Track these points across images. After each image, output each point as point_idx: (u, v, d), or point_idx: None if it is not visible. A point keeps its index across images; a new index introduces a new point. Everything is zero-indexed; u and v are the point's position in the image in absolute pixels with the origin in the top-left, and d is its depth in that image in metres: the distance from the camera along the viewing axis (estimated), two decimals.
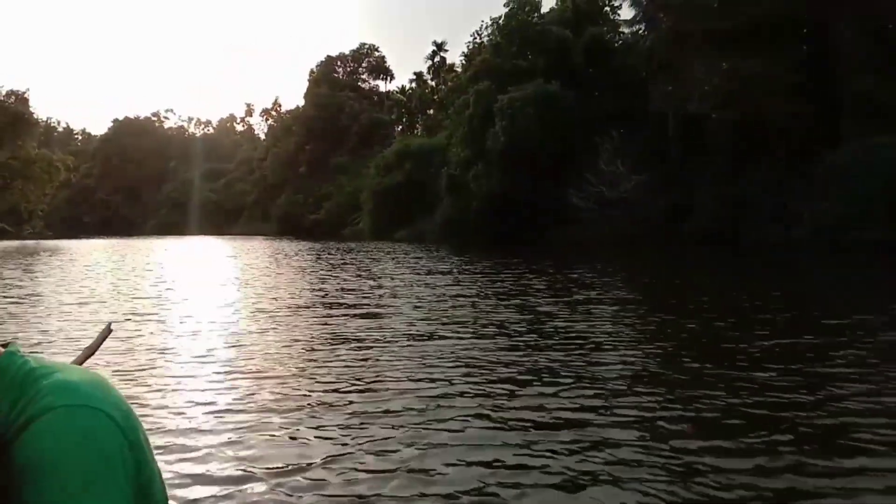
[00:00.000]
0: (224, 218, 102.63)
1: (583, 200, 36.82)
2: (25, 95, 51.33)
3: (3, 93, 49.95)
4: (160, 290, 16.50)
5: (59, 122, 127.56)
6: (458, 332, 9.41)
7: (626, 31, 44.47)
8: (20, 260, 29.70)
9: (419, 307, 12.22)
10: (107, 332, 2.85)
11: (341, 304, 12.77)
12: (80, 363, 2.48)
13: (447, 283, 16.49)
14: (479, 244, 38.87)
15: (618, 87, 40.33)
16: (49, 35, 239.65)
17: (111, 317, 11.48)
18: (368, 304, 12.71)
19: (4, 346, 1.01)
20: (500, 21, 47.66)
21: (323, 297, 14.22)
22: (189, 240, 63.46)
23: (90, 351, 2.68)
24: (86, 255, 33.89)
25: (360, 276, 19.51)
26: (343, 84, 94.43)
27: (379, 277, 18.66)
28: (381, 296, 14.15)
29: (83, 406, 0.90)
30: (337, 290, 15.52)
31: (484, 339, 8.82)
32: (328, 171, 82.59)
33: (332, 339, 9.13)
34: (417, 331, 9.59)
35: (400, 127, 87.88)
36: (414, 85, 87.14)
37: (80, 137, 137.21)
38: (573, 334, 9.09)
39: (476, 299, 13.16)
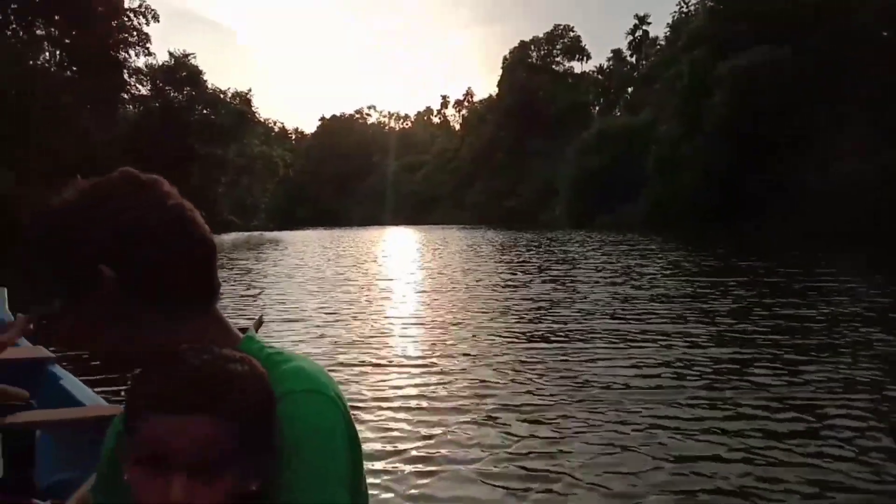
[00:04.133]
0: (422, 208, 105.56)
1: (821, 182, 31.82)
2: (249, 96, 55.70)
3: (230, 94, 54.43)
4: (377, 284, 15.94)
5: (275, 123, 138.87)
6: None
7: None
8: (248, 252, 31.45)
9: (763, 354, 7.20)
10: (258, 324, 2.80)
11: (627, 336, 8.23)
12: None
13: (754, 300, 11.05)
14: (698, 231, 35.13)
15: (861, 48, 34.54)
16: (266, 38, 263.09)
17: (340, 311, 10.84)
18: (673, 345, 7.73)
19: (243, 331, 1.06)
20: None
21: (584, 314, 9.96)
22: (392, 230, 65.54)
23: None
24: (302, 245, 35.38)
25: (606, 277, 14.88)
26: (537, 68, 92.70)
27: (636, 280, 14.18)
28: (671, 322, 9.14)
29: (319, 393, 0.94)
30: (598, 305, 10.87)
31: None
32: (523, 157, 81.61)
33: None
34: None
35: (598, 108, 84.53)
36: (612, 63, 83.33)
37: (294, 136, 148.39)
38: None
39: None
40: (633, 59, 78.24)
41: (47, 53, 46.68)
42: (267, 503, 0.87)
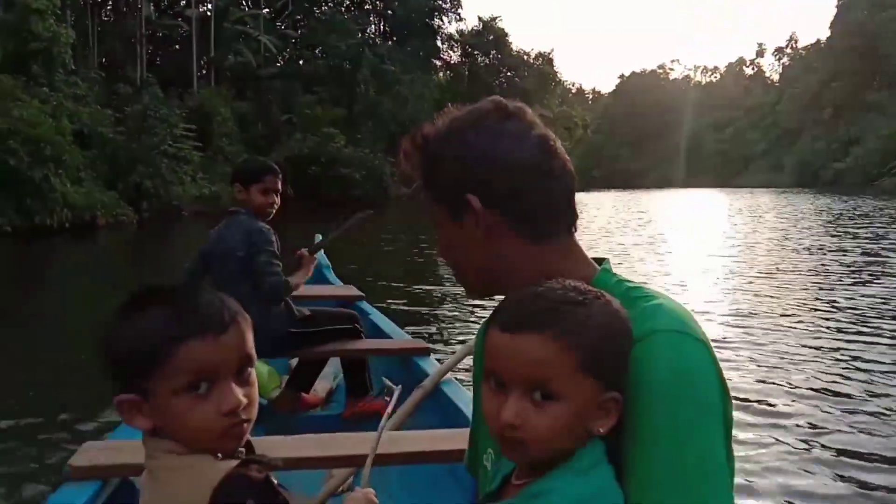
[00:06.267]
0: (728, 170, 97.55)
1: None
2: (551, 56, 55.43)
3: (533, 55, 54.63)
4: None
5: (573, 84, 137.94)
6: None
7: None
8: None
9: None
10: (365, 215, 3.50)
11: None
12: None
13: None
14: None
15: None
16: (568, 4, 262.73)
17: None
18: None
19: (599, 262, 1.03)
20: None
21: None
22: (696, 193, 60.67)
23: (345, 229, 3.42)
24: (596, 210, 34.12)
25: None
26: (884, 4, 78.28)
27: None
28: None
29: (687, 335, 0.86)
30: None
31: None
32: (860, 111, 70.40)
33: None
34: None
35: None
36: None
37: (590, 96, 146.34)
38: None
39: None
40: None
41: (373, 26, 51.13)
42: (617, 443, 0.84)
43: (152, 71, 35.74)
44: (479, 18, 53.43)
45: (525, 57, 54.16)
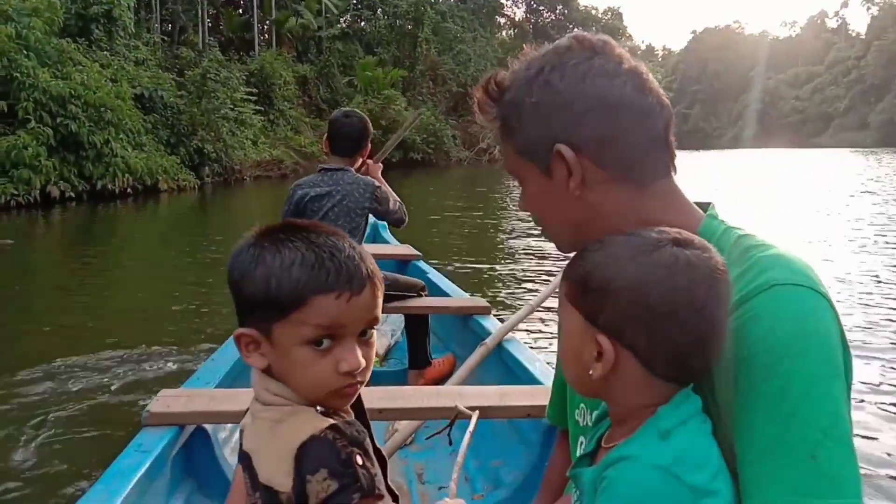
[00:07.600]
0: (809, 128, 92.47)
1: None
2: (619, 11, 53.17)
3: (601, 10, 52.42)
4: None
5: (643, 42, 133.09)
6: None
7: None
8: None
9: None
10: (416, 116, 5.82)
11: None
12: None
13: None
14: None
15: None
16: None
17: None
18: None
19: (704, 207, 0.96)
20: None
21: None
22: (779, 153, 57.40)
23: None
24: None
25: None
26: None
27: None
28: None
29: (809, 288, 0.79)
30: None
31: None
32: None
33: None
34: None
35: None
36: None
37: (660, 54, 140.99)
38: None
39: None
40: None
41: None
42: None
43: (213, 34, 35.59)
44: None
45: (593, 12, 51.99)
